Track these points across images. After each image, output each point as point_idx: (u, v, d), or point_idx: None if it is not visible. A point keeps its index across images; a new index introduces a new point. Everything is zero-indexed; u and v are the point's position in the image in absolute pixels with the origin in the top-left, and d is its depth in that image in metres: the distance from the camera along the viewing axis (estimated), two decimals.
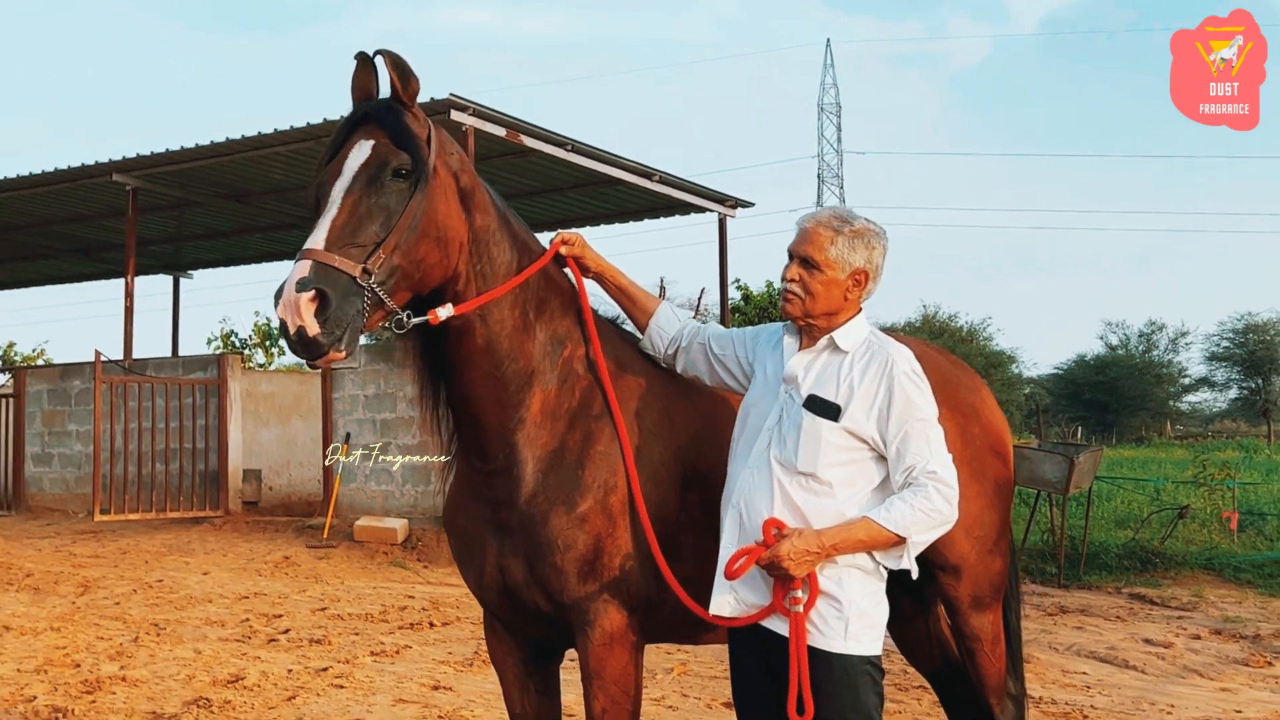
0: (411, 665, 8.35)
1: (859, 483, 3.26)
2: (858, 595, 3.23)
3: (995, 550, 4.20)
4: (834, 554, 3.17)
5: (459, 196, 3.37)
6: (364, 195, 3.15)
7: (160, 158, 17.32)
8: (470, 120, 14.99)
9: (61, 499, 19.13)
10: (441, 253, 3.27)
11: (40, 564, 13.25)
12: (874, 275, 3.39)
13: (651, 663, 8.22)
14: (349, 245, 3.06)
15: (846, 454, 3.25)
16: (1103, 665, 8.72)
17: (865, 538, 3.17)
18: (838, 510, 3.22)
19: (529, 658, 3.81)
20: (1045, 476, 12.73)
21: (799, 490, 3.25)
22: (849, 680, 3.20)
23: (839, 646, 3.21)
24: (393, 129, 3.22)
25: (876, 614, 3.28)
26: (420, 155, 3.20)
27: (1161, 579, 12.45)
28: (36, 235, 22.94)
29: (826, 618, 3.21)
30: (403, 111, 3.27)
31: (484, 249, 3.44)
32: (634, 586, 3.49)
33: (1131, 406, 60.82)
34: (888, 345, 3.36)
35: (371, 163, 3.18)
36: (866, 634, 3.24)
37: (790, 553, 3.13)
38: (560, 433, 3.54)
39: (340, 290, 2.98)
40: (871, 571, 3.26)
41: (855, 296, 3.39)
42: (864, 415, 3.25)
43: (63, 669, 8.03)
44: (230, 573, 12.84)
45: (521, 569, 3.51)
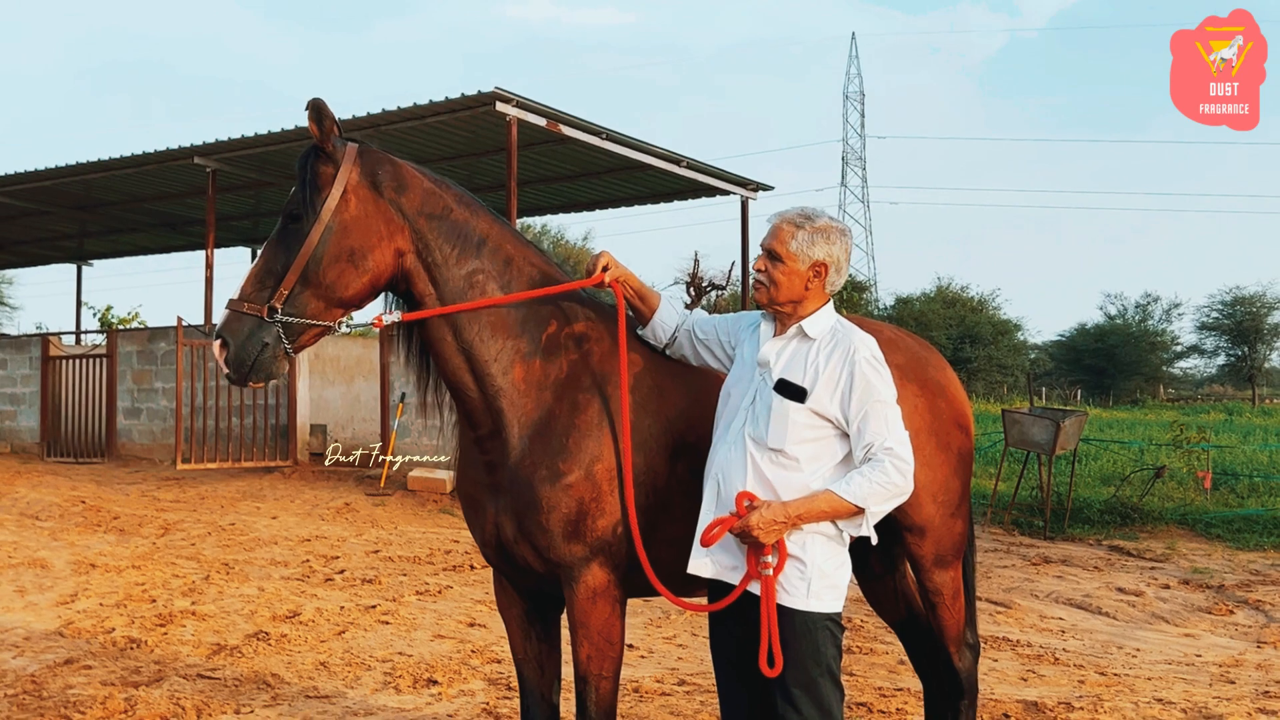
0: (452, 604, 8.45)
1: (824, 458, 3.29)
2: (820, 559, 3.26)
3: (957, 514, 4.22)
4: (800, 523, 3.21)
5: (388, 211, 3.51)
6: (275, 242, 3.47)
7: (237, 143, 17.44)
8: (514, 111, 15.00)
9: (148, 449, 19.41)
10: (360, 268, 3.46)
11: (127, 507, 13.48)
12: (834, 267, 3.39)
13: (666, 605, 8.29)
14: (259, 290, 3.41)
15: (812, 432, 3.28)
16: (1078, 611, 8.71)
17: (828, 508, 3.19)
18: (804, 483, 3.25)
19: (531, 609, 3.87)
20: (1034, 439, 12.71)
21: (769, 464, 3.28)
22: (810, 634, 3.23)
23: (802, 604, 3.24)
24: (300, 175, 3.49)
25: (837, 576, 3.30)
26: (310, 198, 3.44)
27: (1139, 533, 12.40)
28: (128, 211, 23.21)
29: (791, 578, 3.25)
30: (311, 156, 3.49)
31: (431, 243, 3.57)
32: (617, 547, 3.53)
33: (1127, 371, 60.26)
34: (852, 333, 3.37)
35: (283, 212, 3.51)
36: (828, 593, 3.26)
37: (759, 523, 3.18)
38: (547, 402, 3.59)
39: (243, 334, 3.39)
40: (834, 537, 3.28)
41: (817, 287, 3.39)
42: (828, 397, 3.27)
43: (140, 603, 8.20)
44: (296, 517, 13.00)
45: (511, 526, 3.57)
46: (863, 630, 7.77)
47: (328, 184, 3.43)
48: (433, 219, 3.57)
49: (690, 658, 6.99)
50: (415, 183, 3.59)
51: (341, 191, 3.44)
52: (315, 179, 3.44)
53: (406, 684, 6.25)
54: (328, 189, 3.43)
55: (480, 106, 15.05)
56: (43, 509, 13.34)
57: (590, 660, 3.54)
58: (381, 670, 6.54)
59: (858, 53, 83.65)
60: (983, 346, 56.03)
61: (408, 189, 3.55)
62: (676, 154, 18.12)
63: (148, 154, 18.47)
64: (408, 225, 3.53)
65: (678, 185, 20.24)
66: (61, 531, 11.63)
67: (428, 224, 3.55)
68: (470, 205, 3.68)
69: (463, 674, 6.46)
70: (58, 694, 5.98)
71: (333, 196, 3.42)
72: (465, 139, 16.88)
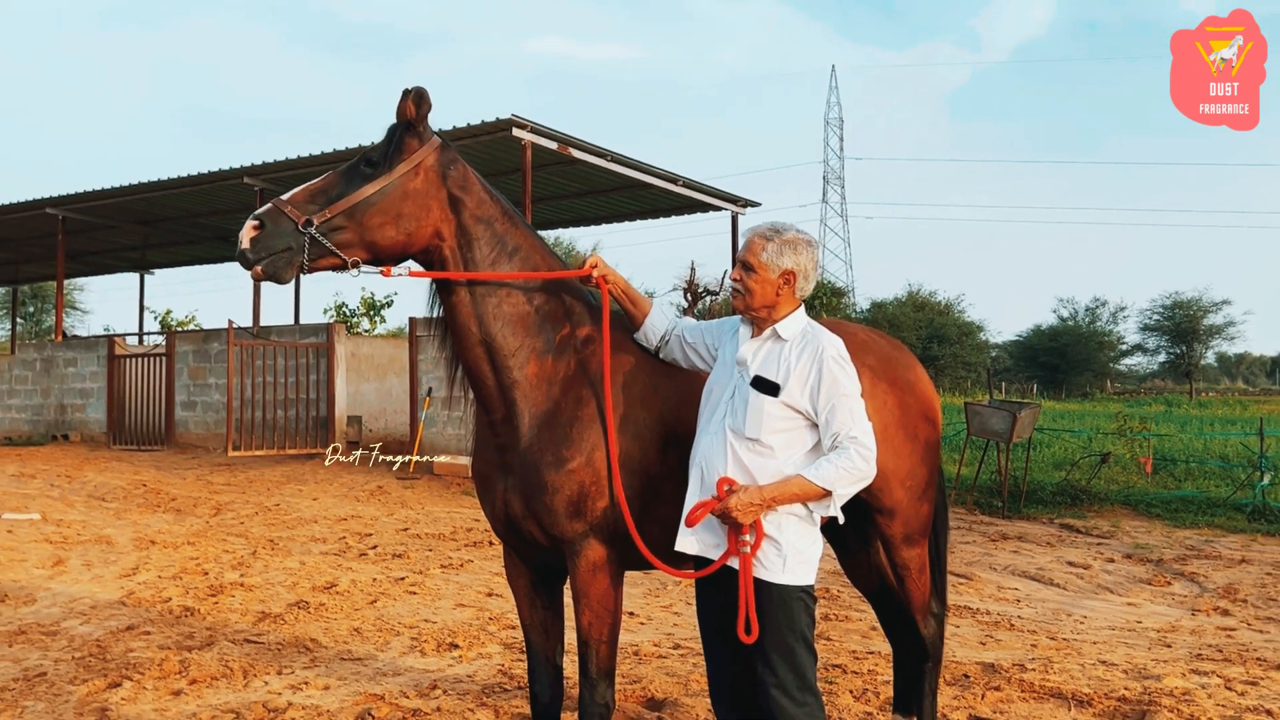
0: (472, 576, 8.45)
1: (795, 446, 3.28)
2: (794, 537, 3.26)
3: (924, 497, 4.20)
4: (774, 505, 3.20)
5: (445, 199, 3.54)
6: (340, 175, 3.46)
7: (282, 164, 17.46)
8: (528, 136, 15.00)
9: (203, 438, 19.42)
10: (397, 230, 3.44)
11: (183, 490, 13.49)
12: (802, 275, 3.38)
13: (664, 576, 8.28)
14: (307, 202, 3.36)
15: (785, 423, 3.27)
16: (1032, 583, 8.69)
17: (799, 491, 3.19)
18: (778, 469, 3.24)
19: (537, 580, 3.87)
20: (993, 428, 12.68)
21: (747, 452, 3.28)
22: (785, 605, 3.23)
23: (778, 578, 3.24)
24: (388, 136, 3.51)
25: (810, 552, 3.29)
26: (389, 153, 3.45)
27: (1087, 512, 12.36)
28: (185, 225, 23.23)
29: (768, 554, 3.24)
30: (402, 127, 3.51)
31: (473, 242, 3.57)
32: (614, 525, 3.53)
33: (1078, 368, 60.27)
34: (820, 335, 3.36)
35: (357, 157, 3.50)
36: (801, 568, 3.26)
37: (737, 505, 3.18)
38: (555, 396, 3.60)
39: (277, 227, 3.29)
40: (805, 518, 3.28)
41: (787, 293, 3.39)
42: (799, 391, 3.27)
43: (194, 576, 8.21)
44: (334, 499, 13.01)
45: (519, 504, 3.58)
46: (839, 600, 7.76)
47: (409, 153, 3.47)
48: (480, 221, 3.58)
49: (685, 624, 6.99)
50: (475, 187, 3.62)
51: (416, 164, 3.47)
52: (400, 144, 3.47)
53: (431, 648, 6.25)
54: (407, 155, 3.46)
55: (498, 132, 15.06)
56: (108, 491, 13.35)
57: (591, 626, 3.55)
58: (409, 635, 6.54)
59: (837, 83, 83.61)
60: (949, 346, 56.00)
61: (469, 190, 3.59)
62: (674, 174, 18.12)
63: (202, 174, 18.50)
64: (455, 219, 3.54)
65: (676, 202, 20.24)
66: (125, 511, 11.64)
67: (474, 224, 3.57)
68: (512, 218, 3.71)
69: (481, 639, 6.46)
70: (120, 656, 5.98)
71: (407, 163, 3.45)
72: (485, 160, 16.88)
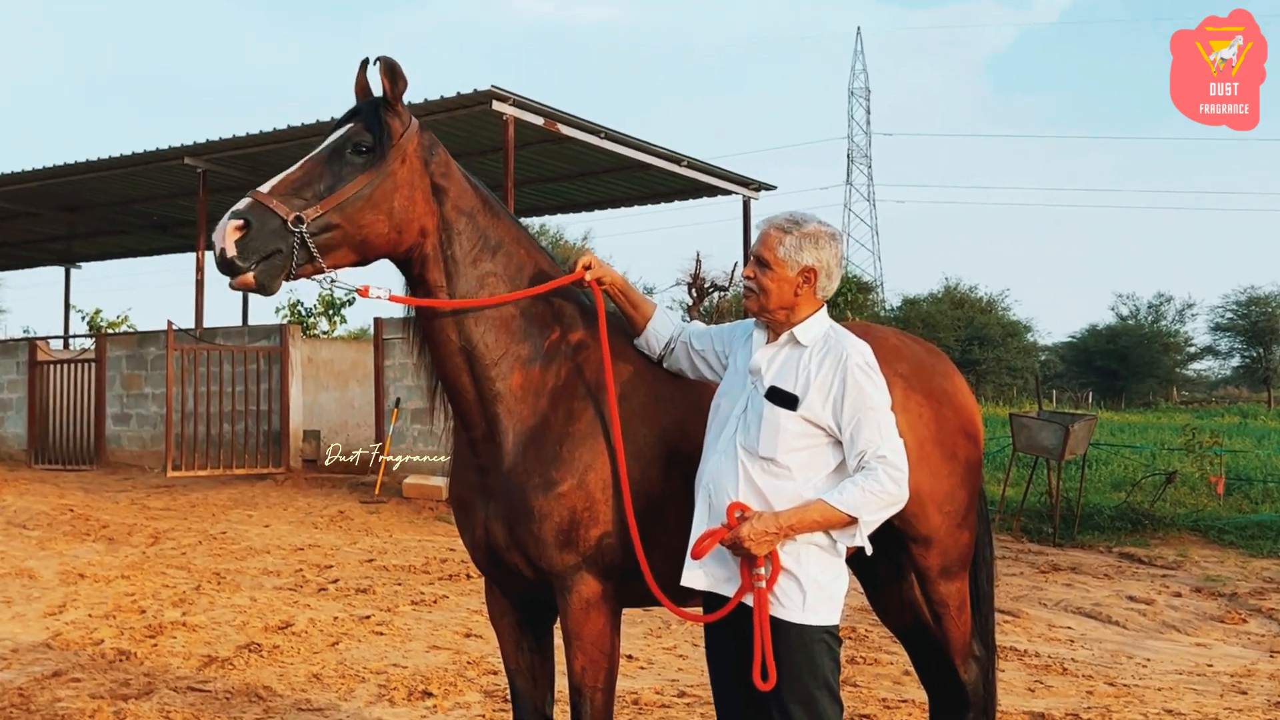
0: (447, 614, 8.47)
1: (816, 466, 3.30)
2: (815, 570, 3.27)
3: (964, 524, 4.23)
4: (791, 534, 3.22)
5: (429, 189, 3.53)
6: (323, 161, 3.38)
7: (228, 143, 17.51)
8: (510, 110, 15.04)
9: (138, 455, 19.45)
10: (389, 226, 3.43)
11: (116, 515, 13.50)
12: (824, 273, 3.40)
13: (666, 614, 8.30)
14: (292, 196, 3.28)
15: (804, 440, 3.29)
16: (1087, 620, 8.72)
17: (820, 518, 3.20)
18: (796, 492, 3.26)
19: (523, 618, 3.89)
20: (1042, 443, 12.71)
21: (761, 474, 3.29)
22: (806, 648, 3.25)
23: (797, 617, 3.25)
24: (369, 117, 3.44)
25: (833, 587, 3.31)
26: (383, 139, 3.41)
27: (1150, 539, 12.39)
28: (117, 212, 23.28)
29: (787, 591, 3.26)
30: (384, 107, 3.46)
31: (457, 236, 3.58)
32: (611, 558, 3.55)
33: (1140, 373, 60.24)
34: (844, 340, 3.38)
35: (340, 140, 3.43)
36: (823, 606, 3.28)
37: (750, 534, 3.19)
38: (542, 409, 3.62)
39: (264, 225, 3.21)
40: (828, 548, 3.29)
41: (807, 293, 3.40)
42: (820, 404, 3.29)
43: (130, 614, 8.22)
44: (289, 525, 13.03)
45: (503, 533, 3.60)
46: (867, 640, 7.78)
47: (398, 137, 3.44)
48: (462, 214, 3.59)
49: (691, 669, 7.00)
50: (456, 175, 3.63)
51: (403, 151, 3.45)
52: (388, 128, 3.43)
53: (401, 696, 6.27)
54: (398, 140, 3.44)
55: (476, 105, 15.09)
56: (30, 517, 13.36)
57: (585, 672, 3.57)
58: (376, 682, 6.55)
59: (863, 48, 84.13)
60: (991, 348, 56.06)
61: (450, 178, 3.60)
62: (677, 153, 18.17)
63: (137, 154, 18.54)
64: (438, 211, 3.55)
65: (678, 185, 20.28)
66: (49, 540, 11.65)
67: (456, 217, 3.58)
68: (493, 208, 3.72)
69: (459, 686, 6.48)
70: (45, 707, 6.00)
71: (399, 149, 3.43)
72: (460, 138, 16.90)
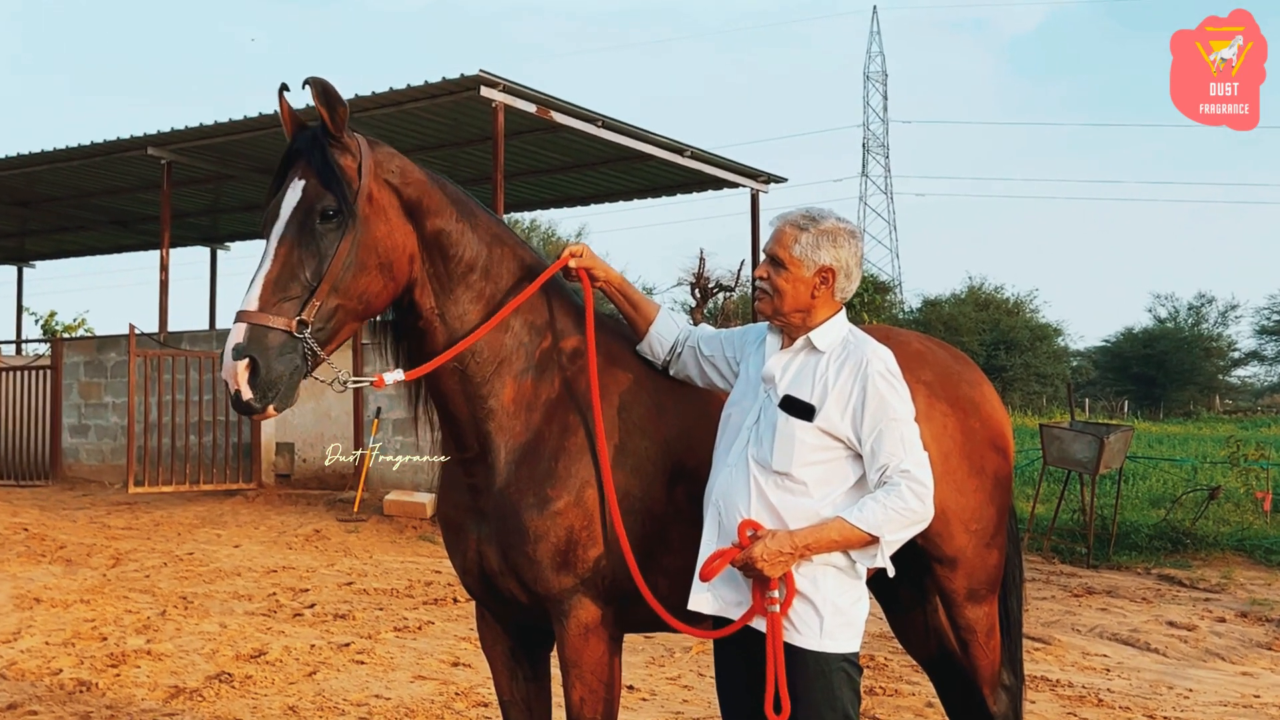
0: (433, 641, 8.47)
1: (834, 481, 3.31)
2: (833, 593, 3.28)
3: (992, 544, 4.25)
4: (807, 554, 3.22)
5: (403, 211, 3.47)
6: (295, 243, 3.25)
7: (194, 132, 17.52)
8: (500, 96, 15.07)
9: (97, 470, 19.45)
10: (387, 277, 3.38)
11: (74, 535, 13.50)
12: (843, 273, 3.42)
13: (670, 641, 8.32)
14: (282, 299, 3.19)
15: (821, 453, 3.30)
16: (1124, 648, 8.73)
17: (839, 537, 3.21)
18: (813, 509, 3.27)
19: (517, 645, 3.91)
20: (1075, 456, 12.73)
21: (775, 489, 3.31)
22: (824, 677, 3.26)
23: (814, 644, 3.26)
24: (320, 167, 3.30)
25: (853, 612, 3.32)
26: (345, 194, 3.28)
27: (1192, 560, 12.42)
28: (74, 207, 23.30)
29: (803, 615, 3.27)
30: (329, 145, 3.33)
31: (440, 251, 3.54)
32: (611, 579, 3.56)
33: (1179, 380, 60.23)
34: (864, 345, 3.39)
35: (300, 208, 3.28)
36: (842, 632, 3.29)
37: (764, 554, 3.19)
38: (536, 423, 3.63)
39: (272, 353, 3.14)
40: (847, 570, 3.30)
41: (824, 295, 3.42)
42: (838, 415, 3.30)
43: (90, 642, 8.22)
44: (261, 545, 13.02)
45: (496, 556, 3.61)
46: (887, 669, 7.79)
47: (354, 179, 3.33)
48: (439, 224, 3.53)
49: (697, 700, 7.01)
50: (420, 181, 3.54)
51: (368, 188, 3.35)
52: (339, 172, 3.30)
53: None
54: (357, 183, 3.32)
55: (463, 91, 15.12)
56: None
57: (584, 703, 3.58)
58: (356, 715, 6.56)
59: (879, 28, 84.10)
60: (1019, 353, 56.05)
61: (417, 186, 3.51)
62: (679, 143, 18.20)
63: (96, 144, 18.55)
64: (415, 230, 3.49)
65: (681, 177, 20.31)
66: (2, 562, 11.64)
67: (435, 230, 3.52)
68: (467, 205, 3.67)
69: (446, 719, 6.48)
70: None
71: (363, 194, 3.32)
72: (447, 127, 16.94)
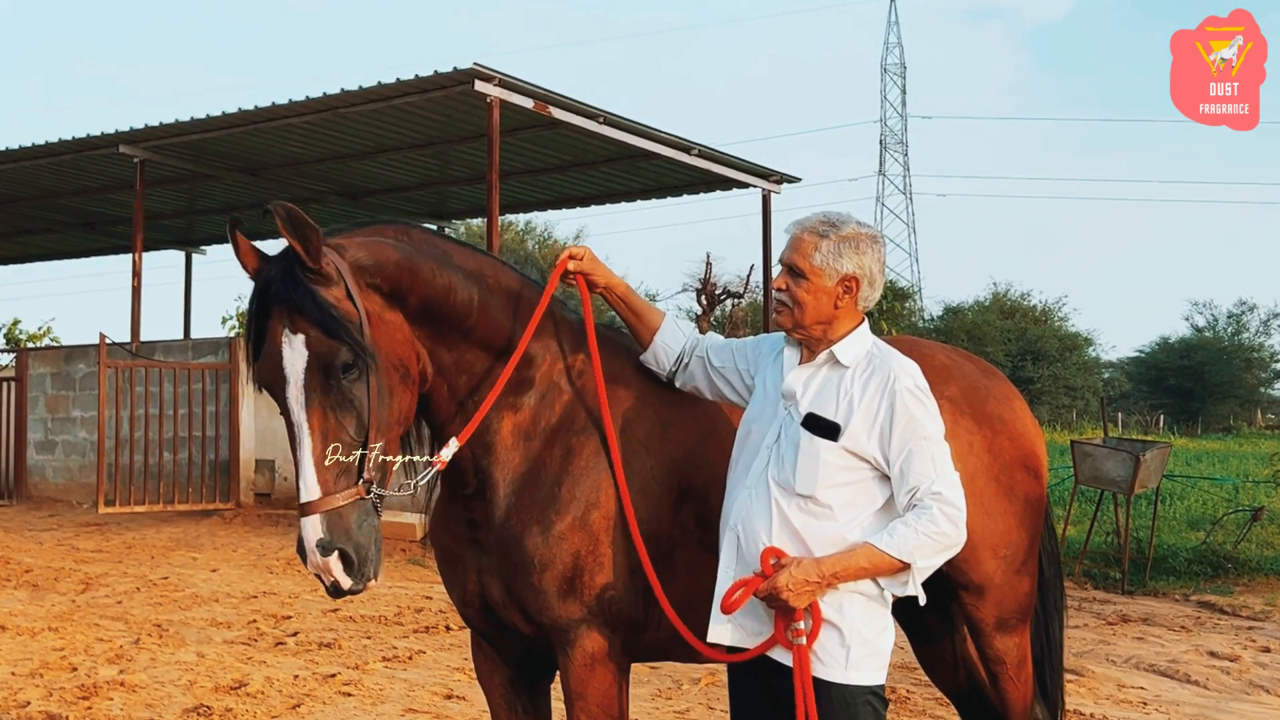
0: (425, 672, 8.48)
1: (861, 504, 3.32)
2: (860, 623, 3.30)
3: (1023, 570, 4.26)
4: (835, 583, 3.24)
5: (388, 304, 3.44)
6: (324, 408, 3.24)
7: (169, 129, 17.54)
8: (496, 91, 15.10)
9: (65, 489, 19.47)
10: (408, 382, 3.45)
11: (40, 559, 13.53)
12: (866, 280, 3.43)
13: (678, 673, 8.33)
14: (339, 474, 3.22)
15: (847, 475, 3.31)
16: (1162, 679, 8.73)
17: (868, 564, 3.23)
18: (839, 534, 3.28)
19: (516, 676, 3.94)
20: (1109, 475, 12.73)
21: (798, 513, 3.32)
22: (849, 710, 3.28)
23: (839, 676, 3.28)
24: (315, 315, 3.23)
25: (880, 642, 3.34)
26: (356, 339, 3.25)
27: (1234, 586, 12.42)
28: (41, 208, 23.30)
29: (827, 646, 3.28)
30: (314, 285, 3.26)
31: (430, 316, 3.54)
32: (617, 605, 3.60)
33: (1219, 394, 60.16)
34: (890, 359, 3.41)
35: (315, 366, 3.24)
36: (868, 663, 3.31)
37: (789, 583, 3.20)
38: (535, 451, 3.67)
39: (356, 533, 3.22)
40: (875, 598, 3.32)
41: (848, 305, 3.43)
42: (865, 434, 3.31)
43: (59, 672, 8.24)
44: (239, 570, 13.04)
45: (499, 588, 3.65)
46: (909, 702, 7.80)
47: (354, 313, 3.28)
48: (421, 292, 3.51)
49: None
50: (393, 265, 3.47)
51: (363, 312, 3.31)
52: (339, 315, 3.24)
53: None
54: (358, 317, 3.29)
55: (456, 85, 15.15)
56: None
57: None
58: None
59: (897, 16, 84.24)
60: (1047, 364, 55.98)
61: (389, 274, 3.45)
62: (686, 140, 18.22)
63: (65, 141, 18.56)
64: (401, 313, 3.47)
65: (687, 177, 20.33)
66: None
67: (418, 301, 3.51)
68: (441, 253, 3.63)
69: None
70: None
71: (366, 323, 3.30)
72: (438, 124, 16.97)
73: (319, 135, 17.55)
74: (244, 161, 19.31)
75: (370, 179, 20.87)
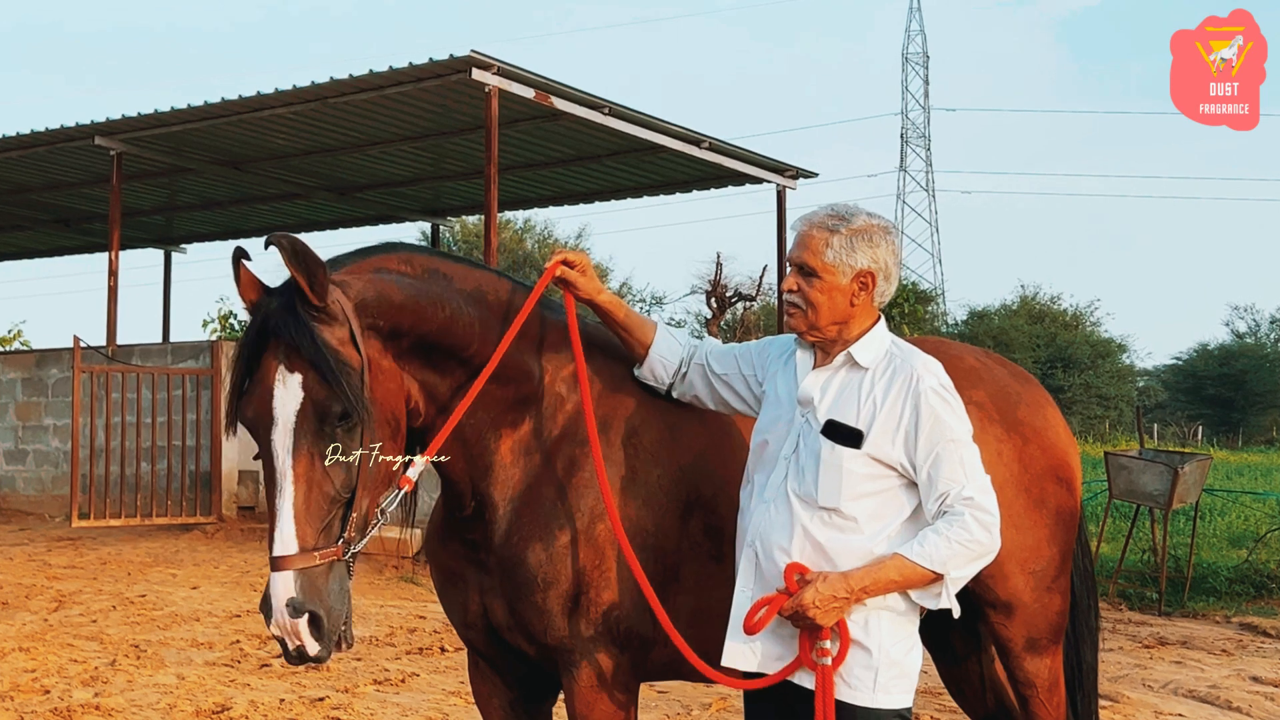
0: (418, 696, 8.47)
1: (888, 515, 3.31)
2: (888, 642, 3.28)
3: (1054, 587, 4.25)
4: (864, 598, 3.22)
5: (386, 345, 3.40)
6: (312, 457, 3.17)
7: (148, 119, 17.56)
8: (495, 80, 15.11)
9: (36, 501, 19.47)
10: (396, 431, 3.38)
11: (10, 575, 13.51)
12: (882, 275, 3.40)
13: (686, 696, 8.31)
14: (318, 528, 3.15)
15: (872, 484, 3.29)
16: (1202, 706, 8.71)
17: (898, 577, 3.21)
18: (865, 547, 3.27)
19: (517, 698, 3.94)
20: (1145, 489, 12.68)
21: (821, 526, 3.29)
22: None
23: (866, 699, 3.26)
24: (315, 358, 3.16)
25: (908, 662, 3.33)
26: (355, 389, 3.19)
27: (1278, 607, 12.39)
28: (11, 204, 23.33)
29: (853, 667, 3.27)
30: (317, 324, 3.20)
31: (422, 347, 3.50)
32: (625, 623, 3.59)
33: (1261, 403, 60.16)
34: (912, 357, 3.38)
35: (307, 413, 3.17)
36: (897, 685, 3.29)
37: (816, 600, 3.18)
38: (535, 466, 3.66)
39: (331, 597, 3.13)
40: (904, 614, 3.31)
41: (864, 301, 3.40)
42: (889, 439, 3.29)
43: (30, 695, 8.22)
44: (222, 587, 13.02)
45: (503, 610, 3.65)
46: None
47: (356, 358, 3.23)
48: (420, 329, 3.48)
49: None
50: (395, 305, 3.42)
51: (364, 359, 3.26)
52: (342, 361, 3.18)
53: None
54: (359, 361, 3.24)
55: (453, 74, 15.15)
56: None
57: None
58: None
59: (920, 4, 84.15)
60: (1078, 372, 55.98)
61: (389, 314, 3.41)
62: (696, 133, 18.23)
63: (37, 133, 18.58)
64: (394, 351, 3.43)
65: (697, 172, 20.34)
66: None
67: (415, 336, 3.47)
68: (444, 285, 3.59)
69: None
70: None
71: (367, 371, 3.25)
72: (434, 114, 16.99)
73: (306, 127, 17.58)
74: (226, 154, 19.33)
75: (360, 173, 20.87)
